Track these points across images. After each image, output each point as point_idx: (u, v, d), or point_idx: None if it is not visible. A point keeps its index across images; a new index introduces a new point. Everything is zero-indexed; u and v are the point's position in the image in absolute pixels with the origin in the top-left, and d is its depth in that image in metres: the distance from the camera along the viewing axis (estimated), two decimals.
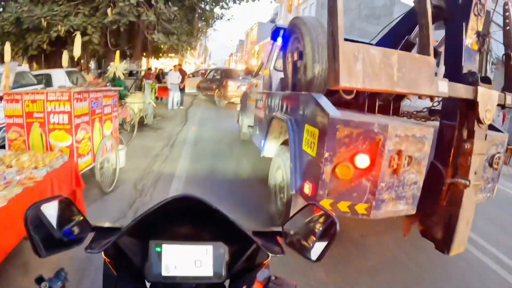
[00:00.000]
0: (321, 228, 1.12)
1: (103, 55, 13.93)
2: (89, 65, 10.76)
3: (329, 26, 2.21)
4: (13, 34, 11.24)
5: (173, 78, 14.15)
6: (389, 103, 4.56)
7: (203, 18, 16.09)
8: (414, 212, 3.20)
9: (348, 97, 3.08)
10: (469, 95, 2.77)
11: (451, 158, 3.02)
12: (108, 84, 8.38)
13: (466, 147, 2.91)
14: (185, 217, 1.16)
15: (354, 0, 27.25)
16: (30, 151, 3.82)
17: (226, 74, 17.34)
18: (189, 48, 16.17)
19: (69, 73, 10.67)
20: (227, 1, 15.18)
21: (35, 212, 0.99)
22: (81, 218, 1.11)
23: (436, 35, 2.98)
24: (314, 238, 1.12)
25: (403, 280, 3.49)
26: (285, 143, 4.12)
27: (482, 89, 2.76)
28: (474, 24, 3.00)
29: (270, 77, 6.30)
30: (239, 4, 15.14)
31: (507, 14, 3.52)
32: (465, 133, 2.96)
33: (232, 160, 7.14)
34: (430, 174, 3.15)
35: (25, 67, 11.19)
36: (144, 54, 16.57)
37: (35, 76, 10.08)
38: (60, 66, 10.43)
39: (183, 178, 5.72)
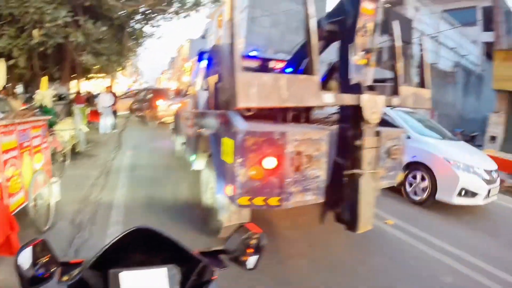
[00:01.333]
0: (253, 243, 1.46)
1: (30, 79, 13.18)
2: (15, 91, 10.04)
3: (230, 61, 3.08)
4: None
5: (104, 101, 13.71)
6: (300, 113, 5.60)
7: (133, 37, 15.81)
8: (321, 201, 3.93)
9: (248, 114, 3.83)
10: (354, 102, 3.62)
11: (348, 154, 3.81)
12: (37, 112, 7.92)
13: (358, 144, 3.70)
14: (139, 245, 1.35)
15: (283, 15, 28.16)
16: None
17: (156, 94, 17.28)
18: (119, 68, 15.75)
19: None
20: (157, 19, 14.94)
21: (18, 257, 1.21)
22: (50, 256, 1.32)
23: None
24: (250, 252, 1.45)
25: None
26: (211, 155, 4.63)
27: (366, 96, 3.60)
28: (361, 43, 3.74)
29: (197, 97, 6.81)
30: (170, 21, 15.00)
31: (391, 32, 4.49)
32: (356, 132, 3.74)
33: (169, 182, 7.30)
34: (335, 169, 3.92)
35: None
36: (74, 76, 15.90)
37: None
38: None
39: (121, 208, 5.59)
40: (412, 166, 6.77)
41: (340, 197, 3.92)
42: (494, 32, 18.51)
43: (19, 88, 17.61)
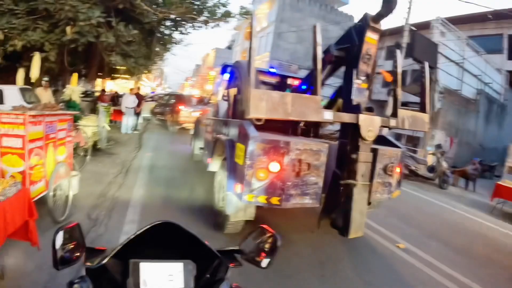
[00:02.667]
0: (268, 243, 1.56)
1: (58, 73, 13.45)
2: (45, 83, 10.19)
3: (246, 79, 4.09)
4: None
5: (127, 102, 13.91)
6: (310, 128, 6.51)
7: (161, 42, 16.06)
8: (318, 205, 4.44)
9: (259, 123, 4.24)
10: (352, 120, 4.19)
11: (345, 166, 4.38)
12: (62, 105, 8.07)
13: (354, 157, 4.26)
14: (160, 238, 1.44)
15: (310, 30, 28.41)
16: None
17: (179, 100, 17.43)
18: (145, 71, 15.98)
19: (23, 91, 10.15)
20: (186, 27, 15.15)
21: (53, 238, 1.32)
22: (79, 240, 1.44)
23: None
24: (264, 253, 1.55)
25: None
26: (225, 159, 5.11)
27: (363, 116, 4.13)
28: (364, 68, 4.33)
29: (218, 106, 7.47)
30: (198, 30, 15.20)
31: (395, 59, 4.91)
32: (353, 147, 4.31)
33: (185, 183, 7.55)
34: (333, 178, 4.46)
35: None
36: (99, 74, 16.18)
37: None
38: (13, 83, 9.94)
39: (138, 207, 5.69)
40: None
41: (336, 205, 4.46)
42: None
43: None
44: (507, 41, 21.91)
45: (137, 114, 15.42)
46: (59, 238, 1.33)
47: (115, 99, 16.03)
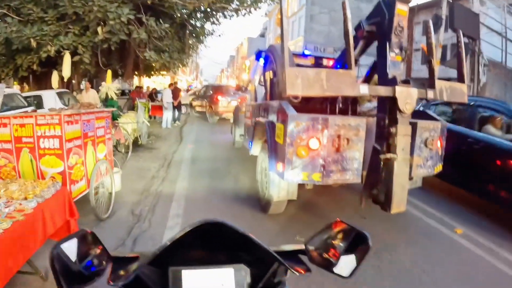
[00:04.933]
0: (346, 243, 1.18)
1: (95, 74, 13.82)
2: (87, 84, 10.40)
3: (278, 59, 4.32)
4: (3, 55, 11.21)
5: (168, 97, 13.98)
6: (348, 107, 6.50)
7: (194, 35, 16.11)
8: (358, 181, 4.41)
9: (296, 101, 4.10)
10: (388, 93, 4.13)
11: (384, 140, 4.32)
12: (100, 105, 8.18)
13: (392, 131, 4.21)
14: (202, 241, 1.17)
15: (341, 11, 27.77)
16: (20, 179, 3.70)
17: (216, 90, 17.47)
18: (180, 65, 16.05)
19: (60, 94, 10.47)
20: (218, 16, 15.05)
21: (57, 250, 1.01)
22: (101, 249, 1.12)
23: None
24: (339, 253, 1.17)
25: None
26: (265, 141, 5.20)
27: (400, 88, 4.07)
28: (397, 41, 4.30)
29: (255, 91, 7.62)
30: (230, 19, 15.04)
31: (428, 30, 4.79)
32: (391, 121, 4.25)
33: (228, 171, 7.57)
34: (373, 154, 4.38)
35: (15, 89, 10.95)
36: (136, 72, 16.39)
37: (26, 98, 9.92)
38: (52, 87, 10.20)
39: (182, 200, 5.65)
40: None
41: (377, 180, 4.41)
42: None
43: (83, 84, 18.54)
44: None
45: (177, 107, 15.65)
46: (70, 249, 1.05)
47: (154, 95, 16.24)
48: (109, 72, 10.82)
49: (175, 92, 15.46)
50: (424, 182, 5.38)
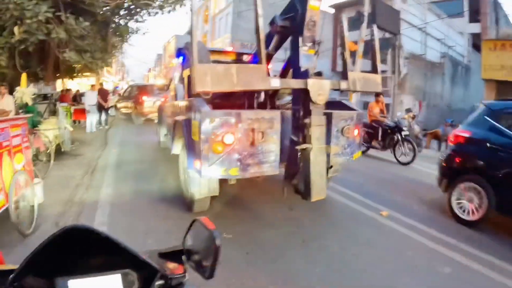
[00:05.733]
0: (207, 242, 1.14)
1: (13, 78, 12.77)
2: (3, 89, 9.58)
3: (190, 56, 3.93)
4: None
5: (90, 99, 13.41)
6: (265, 101, 6.75)
7: (117, 33, 15.45)
8: (276, 172, 4.61)
9: (207, 97, 4.38)
10: (300, 85, 4.42)
11: (300, 131, 4.57)
12: (21, 112, 7.68)
13: (307, 122, 4.46)
14: (90, 248, 1.09)
15: (269, 7, 28.36)
16: None
17: (141, 91, 17.17)
18: (104, 66, 15.41)
19: None
20: (141, 14, 14.56)
21: None
22: None
23: None
24: (204, 252, 1.15)
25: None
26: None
27: (312, 80, 4.34)
28: (309, 35, 4.54)
29: (176, 90, 7.56)
30: (154, 16, 14.65)
31: (341, 25, 5.29)
32: (305, 112, 4.51)
33: (153, 173, 7.58)
34: (290, 145, 4.69)
35: None
36: (58, 75, 15.48)
37: None
38: None
39: (107, 207, 5.53)
40: None
41: (296, 171, 4.71)
42: (481, 23, 18.53)
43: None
44: (467, 4, 22.21)
45: (105, 110, 15.20)
46: None
47: (77, 98, 15.49)
48: (24, 76, 10.07)
49: (103, 94, 14.99)
50: (491, 224, 5.10)
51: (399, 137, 9.90)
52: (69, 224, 1.02)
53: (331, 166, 4.98)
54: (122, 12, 14.18)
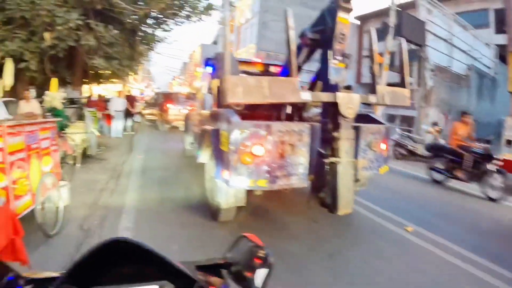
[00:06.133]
0: (257, 259, 1.15)
1: (42, 82, 13.12)
2: (29, 94, 9.78)
3: (221, 68, 4.05)
4: None
5: (116, 105, 13.59)
6: (293, 113, 6.63)
7: (145, 42, 15.72)
8: (304, 185, 4.55)
9: (238, 109, 4.43)
10: (330, 99, 4.43)
11: (328, 144, 4.60)
12: (49, 115, 7.85)
13: (335, 135, 4.51)
14: (127, 258, 1.11)
15: (295, 18, 28.09)
16: None
17: (167, 98, 17.34)
18: (131, 73, 15.67)
19: (7, 103, 9.84)
20: (169, 23, 14.82)
21: None
22: (14, 274, 1.07)
23: None
24: (253, 269, 1.14)
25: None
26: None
27: (342, 94, 4.35)
28: (339, 48, 4.54)
29: (204, 99, 7.66)
30: (181, 25, 14.88)
31: (371, 38, 5.11)
32: (334, 125, 4.54)
33: (178, 180, 7.61)
34: (318, 158, 4.58)
35: None
36: (86, 80, 15.83)
37: None
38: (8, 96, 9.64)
39: (132, 212, 5.52)
40: None
41: (323, 184, 4.68)
42: (508, 34, 18.11)
43: (34, 92, 17.58)
44: (493, 15, 21.76)
45: (131, 116, 15.39)
46: None
47: (104, 103, 15.77)
48: (54, 80, 10.31)
49: (130, 100, 15.21)
50: None
51: (488, 167, 8.03)
52: (109, 238, 1.04)
53: (358, 180, 4.92)
54: (149, 21, 14.45)
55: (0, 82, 9.99)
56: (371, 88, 5.00)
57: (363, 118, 5.50)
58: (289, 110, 6.74)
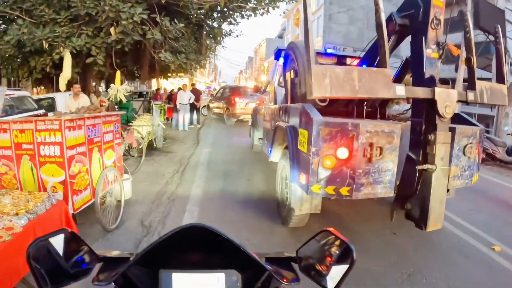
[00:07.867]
0: (336, 253, 1.10)
1: (110, 76, 13.54)
2: (97, 88, 10.07)
3: (305, 55, 3.33)
4: (16, 57, 11.02)
5: (182, 98, 13.72)
6: (375, 109, 5.78)
7: (211, 35, 15.74)
8: (391, 194, 3.91)
9: (323, 104, 3.92)
10: (427, 95, 3.63)
11: (421, 149, 3.82)
12: (116, 108, 7.90)
13: (430, 138, 3.68)
14: (196, 245, 1.14)
15: (361, 10, 26.78)
16: (15, 191, 3.35)
17: (234, 92, 17.20)
18: (198, 67, 15.75)
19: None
20: (235, 16, 14.68)
21: (39, 246, 0.98)
22: (87, 249, 1.11)
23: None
24: (330, 264, 1.10)
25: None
26: (286, 147, 4.74)
27: (439, 89, 3.58)
28: (433, 36, 3.77)
29: (275, 93, 7.20)
30: (247, 19, 14.68)
31: (466, 23, 4.21)
32: (429, 127, 3.75)
33: (245, 176, 7.27)
34: (407, 163, 3.92)
35: (25, 91, 10.76)
36: (153, 74, 16.16)
37: (38, 100, 9.66)
38: (69, 89, 10.02)
39: (195, 211, 5.28)
40: None
41: (411, 194, 3.89)
42: None
43: (103, 86, 18.30)
44: None
45: (196, 109, 15.46)
46: (59, 245, 1.02)
47: (171, 97, 16.01)
48: (118, 73, 10.49)
49: (196, 93, 15.30)
50: None
51: None
52: (189, 223, 1.06)
53: (448, 190, 4.10)
54: (215, 15, 14.40)
55: (60, 75, 10.29)
56: (469, 83, 4.16)
57: (453, 118, 4.64)
58: (369, 106, 5.99)
